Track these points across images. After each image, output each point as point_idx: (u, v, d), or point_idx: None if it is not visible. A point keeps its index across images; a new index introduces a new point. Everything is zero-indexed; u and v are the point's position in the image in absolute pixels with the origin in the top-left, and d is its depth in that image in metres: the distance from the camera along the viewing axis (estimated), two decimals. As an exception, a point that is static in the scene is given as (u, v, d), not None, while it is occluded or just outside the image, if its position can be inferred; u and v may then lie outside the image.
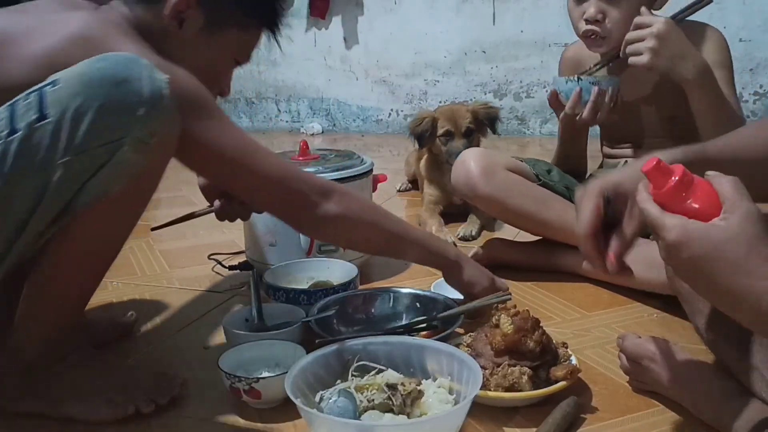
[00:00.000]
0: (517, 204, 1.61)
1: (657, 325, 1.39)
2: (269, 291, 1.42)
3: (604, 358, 1.25)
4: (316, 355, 1.04)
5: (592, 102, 1.51)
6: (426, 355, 1.07)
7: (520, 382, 1.05)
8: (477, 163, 1.62)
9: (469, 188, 1.63)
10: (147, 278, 1.74)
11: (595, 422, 1.05)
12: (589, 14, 1.51)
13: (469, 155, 1.65)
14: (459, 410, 0.93)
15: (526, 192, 1.62)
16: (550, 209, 1.61)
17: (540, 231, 1.69)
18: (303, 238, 1.60)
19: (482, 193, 1.61)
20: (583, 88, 1.52)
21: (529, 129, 3.85)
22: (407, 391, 0.98)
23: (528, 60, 3.79)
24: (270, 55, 4.30)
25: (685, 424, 1.02)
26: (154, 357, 1.31)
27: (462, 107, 2.22)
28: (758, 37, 3.36)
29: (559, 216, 1.60)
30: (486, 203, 1.66)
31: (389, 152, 3.60)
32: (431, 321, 1.26)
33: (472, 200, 1.69)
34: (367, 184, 1.71)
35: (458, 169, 1.66)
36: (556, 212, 1.61)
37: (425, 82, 4.02)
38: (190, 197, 2.67)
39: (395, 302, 1.39)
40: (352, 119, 4.24)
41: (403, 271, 1.77)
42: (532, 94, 3.83)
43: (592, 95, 1.51)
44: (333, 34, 4.15)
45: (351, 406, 0.96)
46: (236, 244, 1.98)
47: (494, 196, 1.61)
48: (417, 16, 3.94)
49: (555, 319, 1.44)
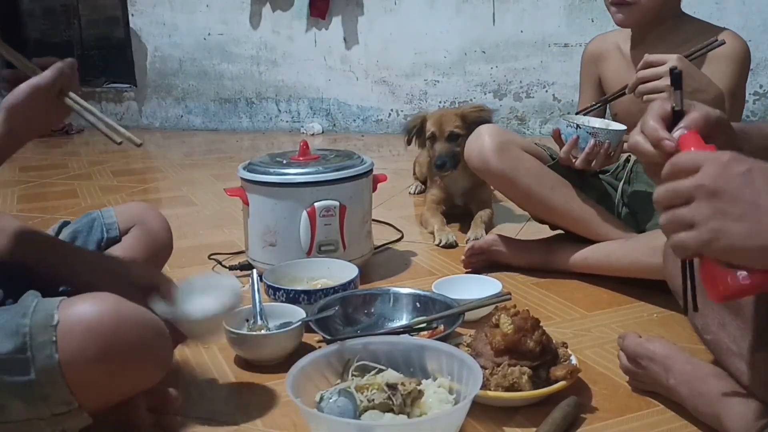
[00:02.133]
0: (525, 183, 1.61)
1: (657, 325, 1.39)
2: (269, 291, 1.43)
3: (604, 358, 1.25)
4: (316, 355, 1.04)
5: (585, 152, 1.50)
6: (426, 355, 1.07)
7: (520, 382, 1.05)
8: (492, 139, 1.62)
9: (481, 162, 1.63)
10: (147, 278, 1.74)
11: (595, 422, 1.05)
12: None
13: (485, 130, 1.65)
14: (459, 410, 0.93)
15: (536, 173, 1.62)
16: (557, 194, 1.62)
17: (544, 215, 1.69)
18: (303, 238, 1.60)
19: (494, 167, 1.61)
20: (580, 136, 1.51)
21: (529, 129, 3.84)
22: (407, 391, 0.98)
23: (528, 60, 3.78)
24: (270, 55, 4.30)
25: (685, 424, 1.02)
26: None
27: (452, 112, 2.20)
28: (758, 37, 3.36)
29: (565, 202, 1.61)
30: (496, 179, 1.67)
31: (389, 152, 3.60)
32: (431, 321, 1.26)
33: (483, 175, 1.69)
34: (367, 184, 1.71)
35: (472, 143, 1.65)
36: (563, 198, 1.61)
37: (425, 83, 4.02)
38: (190, 197, 2.68)
39: (395, 302, 1.39)
40: (352, 119, 4.23)
41: (403, 271, 1.77)
42: (532, 95, 3.83)
43: (587, 146, 1.49)
44: (333, 34, 4.15)
45: (351, 405, 0.96)
46: (236, 244, 1.98)
47: (505, 173, 1.61)
48: (417, 16, 3.94)
49: (555, 319, 1.44)
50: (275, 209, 1.62)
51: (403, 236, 2.05)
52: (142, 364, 0.91)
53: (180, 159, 3.56)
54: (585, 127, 1.50)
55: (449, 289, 1.42)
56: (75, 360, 0.84)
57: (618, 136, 1.52)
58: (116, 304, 0.89)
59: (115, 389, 0.92)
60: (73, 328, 0.85)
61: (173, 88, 4.56)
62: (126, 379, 0.91)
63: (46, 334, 0.84)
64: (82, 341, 0.84)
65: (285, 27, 4.22)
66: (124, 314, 0.89)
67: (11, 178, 3.15)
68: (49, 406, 0.85)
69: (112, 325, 0.86)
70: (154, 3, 4.45)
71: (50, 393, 0.85)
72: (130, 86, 4.68)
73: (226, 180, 2.81)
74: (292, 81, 4.31)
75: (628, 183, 1.65)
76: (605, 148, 1.49)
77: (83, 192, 2.80)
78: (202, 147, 3.96)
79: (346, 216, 1.62)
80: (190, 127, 4.57)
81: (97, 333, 0.85)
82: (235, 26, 4.32)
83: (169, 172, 3.20)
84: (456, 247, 1.93)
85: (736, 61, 1.49)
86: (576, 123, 1.51)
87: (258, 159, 1.73)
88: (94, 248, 1.25)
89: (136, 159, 3.65)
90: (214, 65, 4.43)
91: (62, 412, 0.86)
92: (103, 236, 1.27)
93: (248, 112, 4.45)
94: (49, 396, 0.85)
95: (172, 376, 1.22)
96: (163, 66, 4.54)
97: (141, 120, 4.67)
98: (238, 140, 4.12)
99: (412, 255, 1.90)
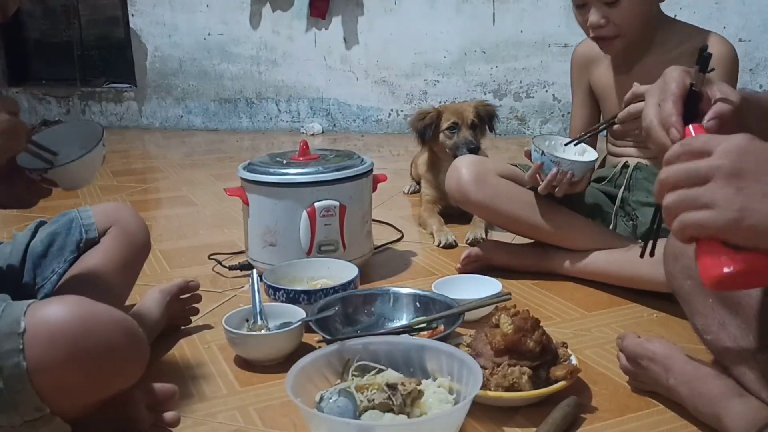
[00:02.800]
0: (507, 209, 1.64)
1: (657, 325, 1.39)
2: (269, 291, 1.43)
3: (604, 358, 1.25)
4: (316, 355, 1.04)
5: (547, 180, 1.51)
6: (426, 355, 1.07)
7: (520, 382, 1.05)
8: (468, 170, 1.65)
9: (461, 194, 1.68)
10: (147, 278, 1.74)
11: (595, 422, 1.05)
12: (592, 22, 1.50)
13: (461, 162, 1.69)
14: (459, 410, 0.93)
15: (516, 197, 1.64)
16: (539, 216, 1.63)
17: (532, 234, 1.71)
18: (303, 238, 1.60)
19: (474, 199, 1.65)
20: (544, 163, 1.52)
21: (529, 129, 3.85)
22: (407, 391, 0.98)
23: (528, 60, 3.78)
24: (270, 55, 4.30)
25: (685, 424, 1.02)
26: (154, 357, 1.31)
27: (465, 104, 2.23)
28: (758, 37, 3.36)
29: (549, 219, 1.62)
30: (478, 209, 1.73)
31: (389, 152, 3.60)
32: (431, 321, 1.26)
33: (465, 206, 1.74)
34: (367, 184, 1.71)
35: (451, 176, 1.70)
36: (547, 218, 1.63)
37: (425, 83, 4.02)
38: (190, 197, 2.68)
39: (395, 302, 1.39)
40: (352, 119, 4.23)
41: (403, 271, 1.77)
42: (531, 95, 3.83)
43: (549, 174, 1.51)
44: (333, 34, 4.15)
45: (351, 405, 0.96)
46: (236, 244, 1.98)
47: (485, 203, 1.65)
48: (417, 16, 3.94)
49: (555, 319, 1.44)
50: (275, 209, 1.62)
51: (403, 236, 2.05)
52: (115, 364, 0.90)
53: (180, 159, 3.56)
54: (548, 155, 1.51)
55: (449, 289, 1.42)
56: (43, 366, 0.83)
57: (583, 168, 1.52)
58: (83, 306, 0.88)
59: (91, 392, 0.90)
60: (40, 334, 0.83)
61: (173, 88, 4.56)
62: (99, 381, 0.90)
63: (12, 342, 0.83)
64: (50, 346, 0.83)
65: (285, 27, 4.22)
66: (91, 315, 0.87)
67: (11, 178, 3.14)
68: (19, 414, 0.84)
69: (80, 327, 0.85)
70: (154, 3, 4.45)
71: (20, 401, 0.84)
72: (130, 86, 4.68)
73: (226, 180, 2.81)
74: (292, 81, 4.31)
75: (628, 190, 1.64)
76: (568, 178, 1.50)
77: (83, 192, 2.79)
78: (202, 147, 3.96)
79: (346, 216, 1.62)
80: (190, 127, 4.57)
81: (65, 336, 0.84)
82: (235, 26, 4.32)
83: (169, 172, 3.20)
84: (456, 247, 1.93)
85: (722, 65, 1.48)
86: (542, 149, 1.52)
87: (258, 159, 1.73)
88: (73, 249, 1.26)
89: (136, 159, 3.65)
90: (214, 65, 4.43)
91: (34, 418, 0.85)
92: (81, 237, 1.27)
93: (248, 112, 4.45)
94: (18, 404, 0.84)
95: (171, 375, 1.22)
96: (163, 66, 4.54)
97: (141, 120, 4.67)
98: (238, 140, 4.12)
99: (412, 255, 1.90)
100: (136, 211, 1.40)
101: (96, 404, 0.94)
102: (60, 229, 1.27)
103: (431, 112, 2.19)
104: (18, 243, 1.27)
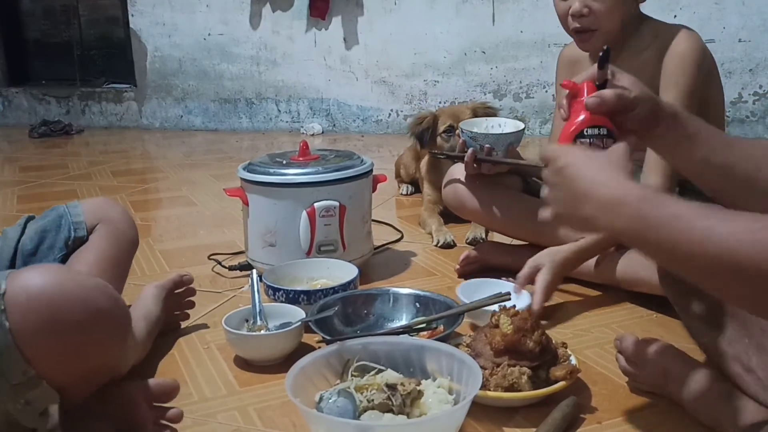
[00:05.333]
0: (503, 215, 1.68)
1: (656, 326, 1.39)
2: (269, 291, 1.43)
3: (603, 358, 1.25)
4: (315, 356, 1.04)
5: (468, 155, 1.59)
6: (426, 355, 1.07)
7: (520, 382, 1.05)
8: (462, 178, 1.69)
9: (457, 202, 1.73)
10: (147, 278, 1.74)
11: (595, 422, 1.05)
12: (574, 9, 1.48)
13: (457, 171, 1.73)
14: (459, 410, 0.93)
15: (510, 203, 1.68)
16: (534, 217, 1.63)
17: (528, 237, 1.73)
18: (303, 238, 1.60)
19: (469, 207, 1.70)
20: (467, 142, 1.59)
21: (529, 129, 3.84)
22: (407, 391, 0.98)
23: (528, 60, 3.78)
24: (270, 55, 4.30)
25: (684, 425, 1.02)
26: (154, 357, 1.31)
27: (462, 107, 2.23)
28: (758, 37, 3.36)
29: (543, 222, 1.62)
30: (474, 216, 1.78)
31: (389, 152, 3.60)
32: (431, 321, 1.26)
33: (461, 214, 1.79)
34: (367, 184, 1.71)
35: (447, 186, 1.74)
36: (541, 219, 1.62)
37: (425, 83, 4.02)
38: (190, 197, 2.68)
39: (395, 302, 1.39)
40: (352, 119, 4.23)
41: (403, 271, 1.77)
42: (531, 95, 3.83)
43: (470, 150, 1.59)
44: (333, 34, 4.15)
45: (351, 406, 0.96)
46: (236, 244, 1.98)
47: (481, 210, 1.69)
48: (417, 16, 3.94)
49: (555, 320, 1.44)
50: (275, 209, 1.62)
51: (403, 236, 2.05)
52: (96, 327, 0.90)
53: (180, 159, 3.56)
54: (466, 132, 1.53)
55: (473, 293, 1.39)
56: (25, 329, 0.84)
57: (501, 140, 1.52)
58: (61, 273, 0.90)
59: (75, 359, 0.90)
60: (18, 297, 0.85)
61: (173, 89, 4.56)
62: (82, 346, 0.90)
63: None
64: (28, 309, 0.84)
65: (285, 27, 4.22)
66: (69, 279, 0.89)
67: (11, 178, 3.15)
68: (6, 377, 0.85)
69: (57, 291, 0.86)
70: (154, 3, 4.45)
71: (5, 363, 0.84)
72: (130, 86, 4.68)
73: (226, 180, 2.81)
74: (292, 81, 4.31)
75: None
76: (486, 152, 1.51)
77: (83, 192, 2.80)
78: (202, 147, 3.96)
79: (346, 216, 1.62)
80: (190, 127, 4.57)
81: (43, 300, 0.85)
82: (235, 26, 4.32)
83: (169, 172, 3.20)
84: (454, 247, 1.93)
85: (691, 60, 1.45)
86: (463, 128, 1.54)
87: (258, 159, 1.73)
88: (62, 246, 1.26)
89: (136, 159, 3.65)
90: (214, 65, 4.43)
91: (20, 381, 0.86)
92: (70, 235, 1.27)
93: (248, 113, 4.45)
94: (3, 367, 0.85)
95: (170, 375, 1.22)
96: (163, 66, 4.54)
97: (141, 120, 4.67)
98: (238, 140, 4.12)
99: (412, 255, 1.90)
100: (125, 207, 1.39)
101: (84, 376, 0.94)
102: (49, 226, 1.28)
103: (428, 116, 2.21)
104: (8, 239, 1.27)
